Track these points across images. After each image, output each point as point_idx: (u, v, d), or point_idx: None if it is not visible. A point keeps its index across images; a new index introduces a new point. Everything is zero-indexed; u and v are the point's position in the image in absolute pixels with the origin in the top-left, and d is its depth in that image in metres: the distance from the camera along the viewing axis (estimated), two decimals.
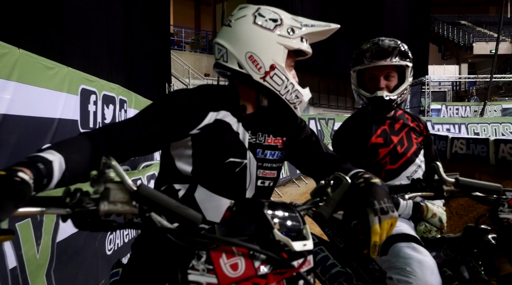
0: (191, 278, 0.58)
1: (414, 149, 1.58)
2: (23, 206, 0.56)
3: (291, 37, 1.00)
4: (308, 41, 1.05)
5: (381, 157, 1.52)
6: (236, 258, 0.58)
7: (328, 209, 0.70)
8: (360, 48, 1.55)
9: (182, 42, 14.46)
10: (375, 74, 1.51)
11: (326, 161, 1.06)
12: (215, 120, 0.99)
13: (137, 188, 0.59)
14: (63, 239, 1.70)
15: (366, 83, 1.55)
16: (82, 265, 1.90)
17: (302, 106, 1.06)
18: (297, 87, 1.03)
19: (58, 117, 2.05)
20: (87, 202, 0.57)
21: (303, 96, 1.04)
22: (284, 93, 1.01)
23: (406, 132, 1.60)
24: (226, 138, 0.99)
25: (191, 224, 0.59)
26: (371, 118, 1.58)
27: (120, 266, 1.00)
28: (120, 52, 4.27)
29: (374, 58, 1.49)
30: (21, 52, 1.70)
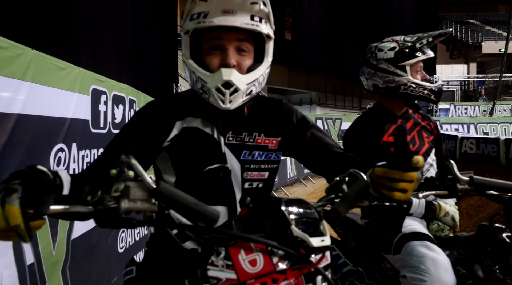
0: (210, 273, 0.59)
1: (426, 147, 1.59)
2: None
3: (183, 21, 0.92)
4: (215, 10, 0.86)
5: None
6: (254, 254, 0.59)
7: (344, 206, 0.71)
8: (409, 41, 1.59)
9: None
10: (421, 67, 1.61)
11: (338, 158, 1.02)
12: (182, 129, 0.96)
13: (156, 185, 0.60)
14: (77, 236, 1.73)
15: (413, 76, 1.58)
16: (95, 263, 1.92)
17: (213, 95, 0.88)
18: (199, 74, 0.90)
19: (70, 117, 2.07)
20: (108, 200, 0.58)
21: (207, 83, 0.89)
22: (192, 85, 0.94)
23: (417, 131, 1.61)
24: (198, 147, 0.96)
25: (209, 221, 0.60)
26: (383, 117, 1.60)
27: (134, 264, 1.01)
28: (128, 52, 4.30)
29: (431, 49, 1.59)
30: (35, 53, 1.73)
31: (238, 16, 0.87)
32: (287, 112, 1.07)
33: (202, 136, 0.97)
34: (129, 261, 1.03)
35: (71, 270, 1.65)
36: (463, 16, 23.28)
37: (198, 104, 0.98)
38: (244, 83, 0.90)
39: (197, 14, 0.87)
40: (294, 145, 1.06)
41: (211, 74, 0.90)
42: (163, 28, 6.17)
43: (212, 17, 0.86)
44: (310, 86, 15.70)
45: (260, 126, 1.02)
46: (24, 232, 0.54)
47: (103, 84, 2.61)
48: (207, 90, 0.89)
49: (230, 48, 0.90)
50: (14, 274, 1.31)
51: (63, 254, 1.61)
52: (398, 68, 1.57)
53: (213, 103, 0.89)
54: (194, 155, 0.95)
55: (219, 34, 0.90)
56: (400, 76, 1.56)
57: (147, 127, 0.93)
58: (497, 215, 1.17)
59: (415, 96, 1.58)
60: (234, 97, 0.89)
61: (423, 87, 1.57)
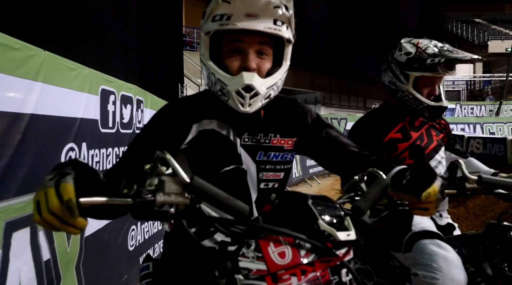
0: (241, 264, 0.61)
1: (434, 145, 1.60)
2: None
3: (203, 21, 0.92)
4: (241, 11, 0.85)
5: (399, 151, 1.54)
6: (283, 246, 0.61)
7: (365, 203, 0.72)
8: (428, 53, 1.51)
9: (194, 42, 14.56)
10: (434, 82, 1.55)
11: (353, 157, 1.02)
12: (199, 132, 0.97)
13: (190, 180, 0.62)
14: (90, 234, 1.75)
15: (419, 87, 1.55)
16: (107, 260, 1.95)
17: (232, 98, 0.88)
18: (219, 76, 0.90)
19: (80, 117, 2.10)
20: (145, 193, 0.60)
21: (227, 86, 0.89)
22: (211, 86, 0.93)
23: (426, 129, 1.62)
24: (215, 149, 0.97)
25: (239, 215, 0.62)
26: (391, 114, 1.61)
27: (150, 260, 1.03)
28: (135, 53, 4.34)
29: (448, 69, 1.50)
30: (46, 54, 1.76)
31: (261, 20, 0.86)
32: (302, 112, 1.07)
33: (219, 138, 0.98)
34: (145, 257, 1.06)
35: (84, 267, 1.68)
36: (468, 15, 23.13)
37: (214, 106, 0.98)
38: (264, 87, 0.90)
39: (220, 16, 0.87)
40: (310, 145, 1.07)
41: (231, 77, 0.90)
42: (168, 29, 6.21)
43: (236, 20, 0.86)
44: (315, 86, 15.69)
45: (275, 127, 1.02)
46: (75, 206, 0.57)
47: (112, 85, 2.64)
48: (227, 92, 0.89)
49: (251, 52, 0.91)
50: (32, 269, 1.34)
51: (77, 251, 1.64)
52: (402, 74, 1.56)
53: (231, 106, 0.90)
54: (211, 157, 0.96)
55: (241, 37, 0.90)
56: (402, 83, 1.56)
57: (165, 131, 0.95)
58: (505, 213, 1.18)
59: (410, 107, 1.57)
60: (254, 101, 0.90)
61: (420, 101, 1.54)
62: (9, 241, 1.34)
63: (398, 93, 1.58)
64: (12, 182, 1.44)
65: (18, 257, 1.34)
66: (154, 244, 2.99)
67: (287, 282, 0.58)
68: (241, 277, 0.60)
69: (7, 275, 1.27)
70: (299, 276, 0.57)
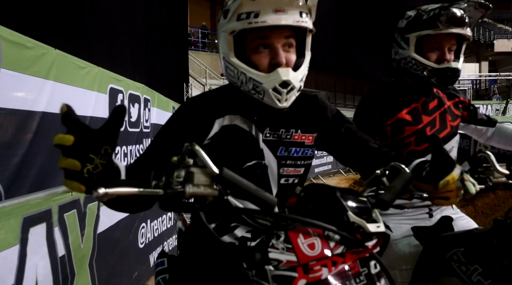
0: (271, 256, 0.61)
1: (446, 132, 1.44)
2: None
3: (226, 21, 0.89)
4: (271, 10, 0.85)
5: (405, 135, 1.39)
6: (312, 238, 0.61)
7: (390, 196, 0.72)
8: (425, 10, 1.35)
9: (199, 42, 14.60)
10: (442, 43, 1.34)
11: (373, 153, 1.02)
12: (222, 128, 0.97)
13: (220, 171, 0.62)
14: (102, 231, 1.77)
15: (425, 52, 1.36)
16: (118, 257, 1.97)
17: (269, 95, 0.88)
18: (251, 75, 0.89)
19: (89, 115, 2.12)
20: (175, 184, 0.61)
21: (262, 84, 0.88)
22: (240, 85, 0.92)
23: (440, 113, 1.46)
24: (237, 144, 0.97)
25: (268, 206, 0.63)
26: (404, 92, 1.43)
27: (165, 255, 1.04)
28: (142, 53, 4.36)
29: (452, 24, 1.30)
30: (57, 52, 1.77)
31: (290, 14, 0.86)
32: (322, 107, 1.07)
33: (241, 133, 0.98)
34: (160, 253, 1.07)
35: (97, 264, 1.69)
36: None
37: (236, 101, 0.99)
38: (298, 81, 0.91)
39: (246, 14, 0.85)
40: (330, 140, 1.07)
41: (266, 75, 0.89)
42: (174, 29, 6.23)
43: (265, 17, 0.84)
44: (319, 86, 15.65)
45: (296, 123, 1.02)
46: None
47: (120, 83, 2.66)
48: (262, 90, 0.89)
49: (279, 46, 0.90)
50: (48, 265, 1.36)
51: (90, 247, 1.66)
52: (403, 39, 1.39)
53: (268, 103, 0.90)
54: (233, 152, 0.96)
55: (268, 33, 0.89)
56: (403, 49, 1.39)
57: (188, 127, 0.94)
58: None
59: (414, 74, 1.37)
60: (290, 95, 0.90)
61: (424, 66, 1.34)
62: (26, 236, 1.36)
63: (401, 63, 1.41)
64: (25, 179, 1.45)
65: (35, 252, 1.36)
66: (163, 242, 3.00)
67: (318, 273, 0.58)
68: (271, 268, 0.60)
69: (25, 270, 1.29)
70: (330, 267, 0.58)
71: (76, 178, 0.58)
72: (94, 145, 0.58)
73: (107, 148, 0.59)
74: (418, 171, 0.81)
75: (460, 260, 1.20)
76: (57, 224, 1.55)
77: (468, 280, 1.16)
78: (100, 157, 0.59)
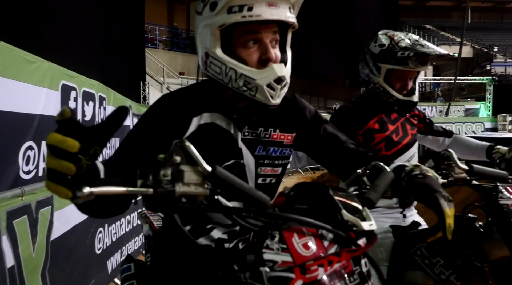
0: (266, 257, 0.59)
1: (408, 139, 1.62)
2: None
3: (213, 13, 0.84)
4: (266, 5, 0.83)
5: (376, 142, 1.55)
6: (307, 237, 0.60)
7: (375, 195, 0.73)
8: (399, 45, 1.50)
9: (156, 39, 14.19)
10: (407, 76, 1.54)
11: (350, 154, 1.02)
12: (200, 126, 0.93)
13: (213, 169, 0.59)
14: (57, 237, 1.64)
15: (391, 80, 1.54)
16: (74, 265, 1.84)
17: (263, 92, 0.86)
18: (243, 71, 0.86)
19: (39, 114, 1.97)
20: (165, 183, 0.57)
21: (256, 80, 0.86)
22: (228, 82, 0.88)
23: (401, 123, 1.64)
24: (216, 143, 0.94)
25: (261, 205, 0.61)
26: (370, 105, 1.61)
27: (131, 261, 0.98)
28: (96, 47, 4.14)
29: (420, 63, 1.49)
30: (3, 44, 1.62)
31: (281, 9, 0.84)
32: (301, 107, 1.06)
33: (220, 132, 0.95)
34: (126, 258, 1.01)
35: (50, 273, 1.57)
36: (420, 21, 24.58)
37: (214, 99, 0.95)
38: (288, 76, 0.90)
39: (239, 7, 0.82)
40: (308, 141, 1.06)
41: (260, 71, 0.87)
42: (130, 25, 6.00)
43: (258, 11, 0.82)
44: None
45: (275, 122, 1.01)
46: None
47: (73, 80, 2.50)
48: (255, 87, 0.86)
49: (267, 42, 0.88)
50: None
51: (43, 256, 1.53)
52: (375, 66, 1.56)
53: (260, 100, 0.87)
54: (211, 151, 0.91)
55: (258, 28, 0.86)
56: (374, 75, 1.56)
57: (163, 124, 0.90)
58: (470, 205, 1.23)
59: (381, 99, 1.57)
60: (282, 92, 0.89)
61: (390, 95, 1.54)
62: None
63: (370, 85, 1.59)
64: None
65: None
66: (122, 246, 2.87)
67: (315, 273, 0.57)
68: (267, 269, 0.58)
69: None
70: (326, 267, 0.57)
71: (63, 181, 0.53)
72: (84, 145, 0.54)
73: (96, 149, 0.55)
74: (396, 173, 0.83)
75: (423, 254, 1.26)
76: (5, 232, 1.41)
77: (431, 272, 1.22)
78: (88, 157, 0.55)
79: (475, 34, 22.94)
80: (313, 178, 9.13)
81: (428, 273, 1.23)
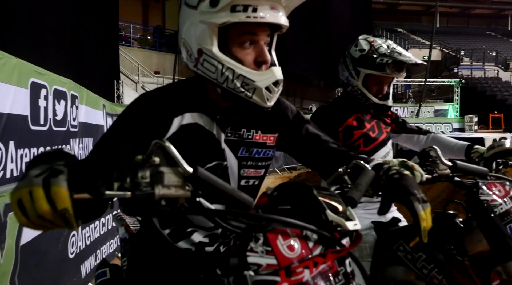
0: (250, 260, 0.57)
1: (383, 137, 1.71)
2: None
3: (214, 10, 0.82)
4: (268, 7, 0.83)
5: (355, 138, 1.62)
6: (291, 239, 0.59)
7: (358, 193, 0.73)
8: (379, 51, 1.58)
9: (131, 37, 13.87)
10: (383, 81, 1.62)
11: (332, 154, 1.02)
12: (181, 127, 0.90)
13: (194, 170, 0.57)
14: (27, 242, 1.56)
15: (369, 84, 1.62)
16: (46, 270, 1.76)
17: (261, 94, 0.85)
18: (241, 71, 0.85)
19: (7, 112, 1.88)
20: (144, 186, 0.54)
21: (255, 82, 0.85)
22: (223, 82, 0.86)
23: (376, 121, 1.72)
24: (198, 144, 0.92)
25: (245, 207, 0.59)
26: (348, 105, 1.69)
27: (106, 265, 0.95)
28: (67, 44, 3.99)
29: (396, 70, 1.58)
30: None
31: (281, 13, 0.86)
32: (283, 107, 1.05)
33: (202, 133, 0.92)
34: (100, 262, 0.97)
35: (20, 279, 1.49)
36: (392, 25, 25.34)
37: (196, 99, 0.93)
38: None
39: (244, 7, 0.81)
40: (290, 141, 1.05)
41: (260, 73, 0.86)
42: (104, 22, 5.82)
43: (263, 13, 0.81)
44: None
45: (257, 123, 0.99)
46: (72, 217, 0.50)
47: (43, 78, 2.40)
48: (253, 88, 0.85)
49: (263, 44, 0.88)
50: None
51: (12, 262, 1.45)
52: (354, 70, 1.63)
53: (256, 102, 0.86)
54: (193, 153, 0.88)
55: (256, 29, 0.86)
56: (353, 78, 1.64)
57: (143, 124, 0.86)
58: (450, 202, 1.28)
59: (358, 102, 1.65)
60: (277, 95, 0.90)
61: (366, 98, 1.62)
62: None
63: (349, 88, 1.67)
64: None
65: None
66: (97, 250, 2.78)
67: (300, 275, 0.56)
68: (251, 273, 0.56)
69: None
70: (311, 268, 0.56)
71: None
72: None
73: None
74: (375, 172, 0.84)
75: (406, 250, 1.29)
76: None
77: (413, 267, 1.26)
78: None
79: (443, 38, 23.90)
80: (290, 177, 9.21)
81: (410, 268, 1.26)
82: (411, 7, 27.43)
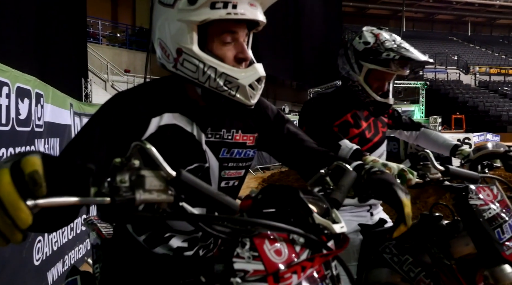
0: (237, 266, 0.55)
1: (379, 137, 1.61)
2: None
3: (192, 8, 0.80)
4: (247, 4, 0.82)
5: (350, 136, 1.52)
6: (278, 243, 0.57)
7: (341, 195, 0.73)
8: (384, 45, 1.45)
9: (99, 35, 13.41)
10: (385, 77, 1.51)
11: (313, 154, 1.01)
12: (159, 127, 0.87)
13: (177, 174, 0.54)
14: None
15: (370, 80, 1.51)
16: (9, 278, 1.65)
17: (244, 92, 0.84)
18: (224, 69, 0.83)
19: None
20: (124, 191, 0.51)
21: (238, 80, 0.83)
22: (204, 81, 0.83)
23: (373, 120, 1.62)
24: (178, 146, 0.89)
25: (230, 212, 0.57)
26: (347, 99, 1.58)
27: (77, 273, 0.90)
28: (31, 40, 3.80)
29: (401, 67, 1.47)
30: None
31: (258, 10, 0.85)
32: (263, 107, 1.04)
33: (182, 134, 0.89)
34: (70, 270, 0.92)
35: None
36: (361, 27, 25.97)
37: (174, 99, 0.89)
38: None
39: (223, 4, 0.79)
40: (271, 141, 1.04)
41: (242, 70, 0.85)
42: (70, 17, 5.59)
43: (243, 9, 0.80)
44: None
45: (237, 123, 0.98)
46: (41, 178, 0.45)
47: (5, 75, 2.27)
48: (236, 86, 0.83)
49: (242, 41, 0.86)
50: None
51: None
52: (357, 63, 1.51)
53: (239, 100, 0.84)
54: (173, 155, 0.84)
55: (235, 27, 0.84)
56: (354, 72, 1.52)
57: (118, 125, 0.82)
58: (436, 204, 1.29)
59: (357, 98, 1.54)
60: (260, 92, 0.88)
61: (367, 95, 1.50)
62: None
63: (349, 82, 1.55)
64: None
65: None
66: (65, 256, 2.65)
67: (288, 281, 0.54)
68: (238, 280, 0.54)
69: None
70: (299, 273, 0.55)
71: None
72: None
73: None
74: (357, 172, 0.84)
75: (392, 252, 1.29)
76: None
77: (400, 269, 1.25)
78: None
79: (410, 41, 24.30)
80: (264, 177, 9.24)
81: (396, 271, 1.25)
82: (379, 11, 28.36)
